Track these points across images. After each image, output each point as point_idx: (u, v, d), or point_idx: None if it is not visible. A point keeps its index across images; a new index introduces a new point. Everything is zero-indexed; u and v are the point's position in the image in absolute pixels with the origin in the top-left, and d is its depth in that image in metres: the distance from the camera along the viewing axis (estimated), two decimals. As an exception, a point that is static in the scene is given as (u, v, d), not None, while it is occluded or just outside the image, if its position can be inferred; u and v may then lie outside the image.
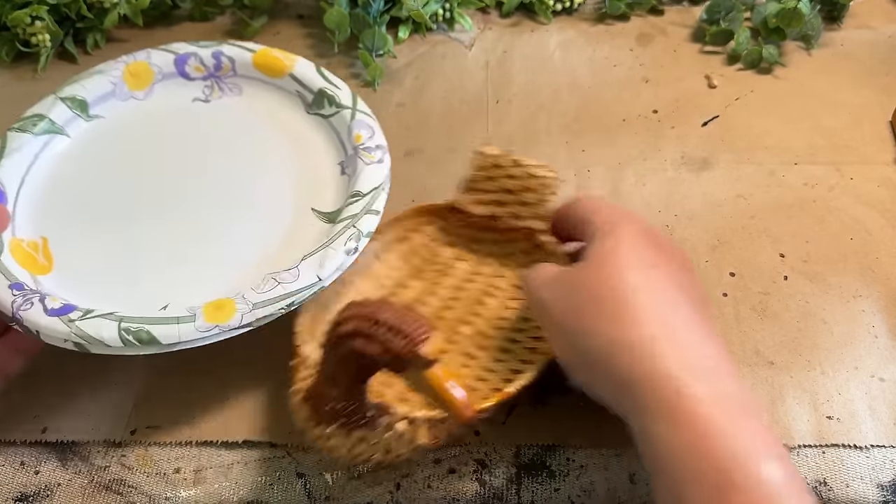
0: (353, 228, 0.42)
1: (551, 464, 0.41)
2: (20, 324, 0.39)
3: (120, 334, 0.38)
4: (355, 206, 0.43)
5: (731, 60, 0.62)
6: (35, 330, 0.39)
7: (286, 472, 0.41)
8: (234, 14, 0.66)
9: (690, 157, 0.55)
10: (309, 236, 0.44)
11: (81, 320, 0.39)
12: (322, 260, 0.41)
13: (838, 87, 0.60)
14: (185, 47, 0.52)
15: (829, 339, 0.45)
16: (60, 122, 0.49)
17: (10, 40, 0.61)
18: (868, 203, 0.52)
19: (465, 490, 0.40)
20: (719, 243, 0.50)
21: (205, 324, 0.39)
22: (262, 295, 0.40)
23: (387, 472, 0.41)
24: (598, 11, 0.66)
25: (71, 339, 0.39)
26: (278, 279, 0.40)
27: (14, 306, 0.39)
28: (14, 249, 0.43)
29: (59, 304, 0.40)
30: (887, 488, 0.40)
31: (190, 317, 0.39)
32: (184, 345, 0.39)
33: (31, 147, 0.48)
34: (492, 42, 0.64)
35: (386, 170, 0.45)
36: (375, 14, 0.62)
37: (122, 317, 0.39)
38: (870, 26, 0.65)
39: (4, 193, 0.45)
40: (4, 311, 0.40)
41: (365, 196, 0.44)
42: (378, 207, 0.43)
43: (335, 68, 0.61)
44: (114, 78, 0.51)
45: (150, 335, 0.38)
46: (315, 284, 0.40)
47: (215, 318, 0.39)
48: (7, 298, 0.40)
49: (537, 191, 0.44)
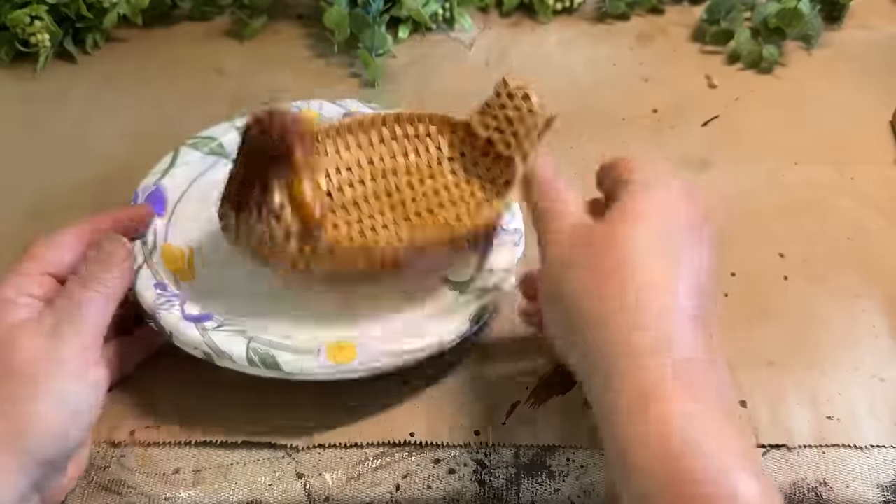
0: (481, 300, 0.44)
1: (551, 464, 0.41)
2: (156, 322, 0.41)
3: (248, 353, 0.40)
4: (486, 281, 0.45)
5: (731, 60, 0.62)
6: (169, 331, 0.41)
7: (286, 472, 0.41)
8: (234, 14, 0.66)
9: (690, 157, 0.55)
10: (438, 302, 0.45)
11: (215, 331, 0.41)
12: (447, 325, 0.42)
13: (838, 87, 0.60)
14: (355, 105, 0.53)
15: (829, 339, 0.45)
16: (229, 149, 0.51)
17: (9, 40, 0.61)
18: (868, 203, 0.52)
19: (464, 490, 0.40)
20: (719, 243, 0.50)
21: (326, 361, 0.40)
22: (383, 346, 0.41)
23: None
24: (599, 11, 0.66)
25: (201, 348, 0.40)
26: (402, 334, 0.42)
27: (156, 304, 0.41)
28: (164, 253, 0.45)
29: (197, 312, 0.42)
30: (887, 488, 0.40)
31: (314, 351, 0.41)
32: (303, 376, 0.40)
33: (199, 165, 0.50)
34: (492, 41, 0.64)
35: (520, 254, 0.47)
36: (375, 13, 0.62)
37: (252, 336, 0.41)
38: (870, 26, 0.65)
39: (165, 200, 0.48)
40: (146, 308, 0.42)
41: (496, 274, 0.45)
42: (508, 288, 0.45)
43: (335, 68, 0.62)
44: None
45: (275, 361, 0.40)
46: (434, 348, 0.42)
47: (337, 357, 0.41)
48: (150, 295, 0.42)
49: (527, 126, 0.45)
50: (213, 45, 0.64)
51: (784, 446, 0.41)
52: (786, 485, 0.40)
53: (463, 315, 0.43)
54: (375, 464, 0.41)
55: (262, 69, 0.62)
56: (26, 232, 0.51)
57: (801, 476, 0.40)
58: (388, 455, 0.41)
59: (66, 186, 0.54)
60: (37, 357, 0.36)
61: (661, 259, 0.34)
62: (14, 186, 0.54)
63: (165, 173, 0.49)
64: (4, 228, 0.51)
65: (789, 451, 0.41)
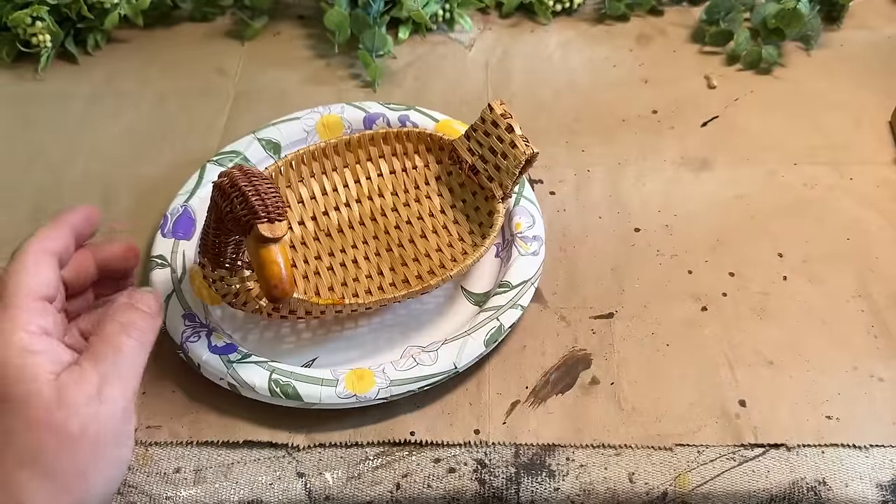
0: (496, 321, 0.44)
1: (551, 463, 0.41)
2: (185, 354, 0.42)
3: (269, 385, 0.41)
4: (503, 297, 0.45)
5: (730, 61, 0.62)
6: (197, 363, 0.42)
7: (286, 471, 0.41)
8: (235, 14, 0.66)
9: (690, 157, 0.55)
10: (455, 315, 0.46)
11: (239, 363, 0.42)
12: (461, 348, 0.43)
13: (838, 88, 0.60)
14: (377, 107, 0.54)
15: (828, 338, 0.45)
16: (254, 161, 0.51)
17: (10, 40, 0.61)
18: (867, 203, 0.52)
19: (464, 489, 0.40)
20: (719, 243, 0.50)
21: (345, 391, 0.41)
22: (400, 373, 0.42)
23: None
24: (598, 12, 0.66)
25: (226, 379, 0.42)
26: (417, 359, 0.42)
27: (183, 336, 0.43)
28: (193, 276, 0.46)
29: (223, 343, 0.43)
30: (886, 488, 0.40)
31: (333, 381, 0.41)
32: (323, 406, 0.41)
33: None
34: (492, 42, 0.64)
35: (539, 262, 0.47)
36: (375, 14, 0.62)
37: (274, 367, 0.42)
38: (869, 27, 0.65)
39: (194, 221, 0.48)
40: (175, 339, 0.43)
41: (514, 288, 0.45)
42: (524, 303, 0.45)
43: (335, 69, 0.62)
44: (307, 126, 0.53)
45: (296, 391, 0.41)
46: (450, 372, 0.42)
47: (355, 387, 0.41)
48: (179, 328, 0.43)
49: (510, 162, 0.46)
50: (213, 45, 0.64)
51: (783, 446, 0.41)
52: (785, 484, 0.40)
53: (478, 338, 0.43)
54: (376, 463, 0.41)
55: (263, 70, 0.62)
56: (27, 232, 0.51)
57: (800, 475, 0.40)
58: (388, 454, 0.41)
59: (66, 186, 0.54)
60: (92, 423, 0.34)
61: None
62: (14, 186, 0.54)
63: (192, 194, 0.49)
64: (5, 228, 0.51)
65: (788, 450, 0.41)
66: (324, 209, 0.49)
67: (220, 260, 0.39)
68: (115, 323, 0.37)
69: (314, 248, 0.48)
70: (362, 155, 0.50)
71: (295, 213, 0.49)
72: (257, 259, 0.35)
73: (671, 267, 0.49)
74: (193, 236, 0.48)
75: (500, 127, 0.46)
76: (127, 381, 0.36)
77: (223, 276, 0.40)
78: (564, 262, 0.49)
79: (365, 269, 0.47)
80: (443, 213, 0.49)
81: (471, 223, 0.48)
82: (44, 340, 0.35)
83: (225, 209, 0.36)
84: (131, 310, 0.38)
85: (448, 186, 0.50)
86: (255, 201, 0.35)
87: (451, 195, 0.50)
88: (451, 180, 0.50)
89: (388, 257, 0.47)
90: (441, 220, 0.49)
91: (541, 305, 0.47)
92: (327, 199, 0.49)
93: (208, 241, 0.39)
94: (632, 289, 0.48)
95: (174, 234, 0.47)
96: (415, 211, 0.49)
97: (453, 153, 0.49)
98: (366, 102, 0.54)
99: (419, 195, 0.50)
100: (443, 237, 0.48)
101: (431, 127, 0.53)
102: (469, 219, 0.49)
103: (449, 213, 0.49)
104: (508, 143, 0.46)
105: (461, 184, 0.50)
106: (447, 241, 0.48)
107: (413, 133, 0.50)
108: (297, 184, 0.49)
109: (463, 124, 0.53)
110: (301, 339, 0.45)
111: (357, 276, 0.46)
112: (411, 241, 0.48)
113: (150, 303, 0.38)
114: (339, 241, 0.48)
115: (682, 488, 0.40)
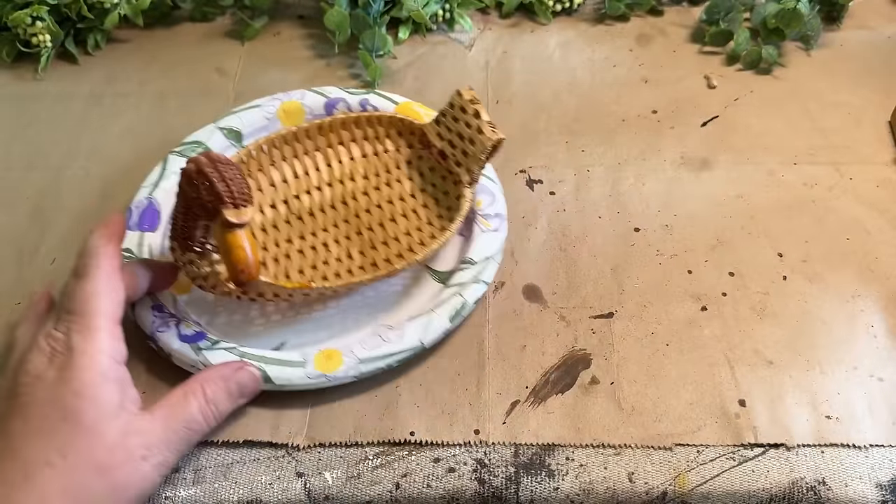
0: (459, 297, 0.44)
1: (550, 463, 0.41)
2: (156, 343, 0.43)
3: None
4: (466, 273, 0.46)
5: (730, 61, 0.62)
6: (168, 352, 0.42)
7: (286, 471, 0.41)
8: (235, 14, 0.66)
9: (690, 157, 0.55)
10: (421, 294, 0.47)
11: (209, 350, 0.42)
12: (427, 324, 0.43)
13: (837, 88, 0.60)
14: (337, 92, 0.54)
15: (828, 338, 0.45)
16: (216, 150, 0.51)
17: (10, 40, 0.61)
18: (867, 203, 0.52)
19: (464, 489, 0.40)
20: (718, 243, 0.50)
21: (314, 371, 0.42)
22: (368, 352, 0.42)
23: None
24: (598, 12, 0.66)
25: (197, 367, 0.42)
26: (384, 337, 0.43)
27: (154, 326, 0.43)
28: None
29: (192, 332, 0.43)
30: (886, 488, 0.40)
31: (301, 363, 0.42)
32: (292, 387, 0.42)
33: None
34: (492, 42, 0.64)
35: (500, 239, 0.47)
36: (375, 14, 0.62)
37: (243, 353, 0.42)
38: (869, 27, 0.65)
39: (159, 213, 0.49)
40: (146, 330, 0.43)
41: (476, 265, 0.46)
42: (487, 278, 0.46)
43: (335, 69, 0.62)
44: (269, 113, 0.54)
45: (266, 375, 0.41)
46: (417, 348, 0.43)
47: (324, 367, 0.42)
48: (148, 318, 0.43)
49: (477, 147, 0.46)
50: (213, 45, 0.64)
51: (783, 445, 0.41)
52: (785, 484, 0.40)
53: (443, 314, 0.44)
54: (375, 462, 0.41)
55: (263, 70, 0.62)
56: (27, 232, 0.51)
57: (799, 475, 0.40)
58: (387, 454, 0.41)
59: (66, 186, 0.54)
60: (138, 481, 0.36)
61: None
62: (14, 186, 0.54)
63: (156, 186, 0.49)
64: (5, 228, 0.51)
65: (788, 450, 0.41)
66: (295, 193, 0.50)
67: (189, 244, 0.40)
68: (200, 393, 0.39)
69: (284, 232, 0.48)
70: (334, 139, 0.51)
71: (266, 196, 0.49)
72: (224, 244, 0.36)
73: (671, 267, 0.49)
74: (159, 228, 0.48)
75: (468, 113, 0.47)
76: (180, 454, 0.37)
77: (193, 260, 0.40)
78: (564, 261, 0.49)
79: (334, 253, 0.48)
80: (412, 197, 0.50)
81: (439, 207, 0.49)
82: (120, 370, 0.37)
83: (192, 195, 0.37)
84: (222, 383, 0.39)
85: (418, 171, 0.51)
86: (220, 188, 0.36)
87: (421, 179, 0.50)
88: (420, 165, 0.51)
89: (358, 240, 0.48)
90: (410, 203, 0.50)
91: (541, 305, 0.47)
92: (298, 182, 0.50)
93: (177, 226, 0.40)
94: (632, 288, 0.48)
95: (140, 226, 0.48)
96: (384, 195, 0.50)
97: (423, 138, 0.50)
98: (325, 87, 0.55)
99: (389, 179, 0.51)
100: (411, 221, 0.49)
101: (392, 109, 0.53)
102: (438, 203, 0.49)
103: (418, 197, 0.50)
104: (476, 129, 0.46)
105: (431, 168, 0.50)
106: (416, 224, 0.49)
107: (384, 117, 0.51)
108: (269, 167, 0.50)
109: (423, 106, 0.53)
110: (270, 322, 0.46)
111: (326, 259, 0.47)
112: (380, 225, 0.49)
113: (245, 384, 0.40)
114: (310, 225, 0.49)
115: (681, 488, 0.40)
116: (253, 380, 0.41)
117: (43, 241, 0.51)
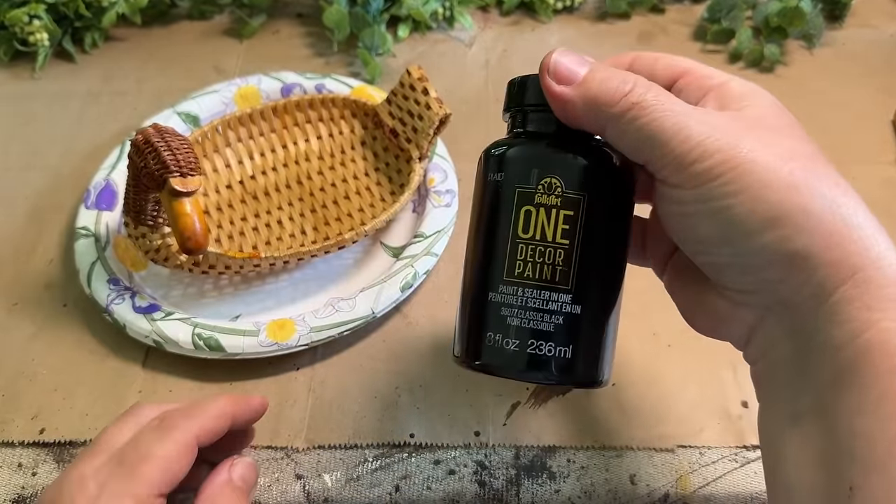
0: (410, 268, 0.45)
1: (552, 465, 0.41)
2: (110, 315, 0.43)
3: (193, 338, 0.42)
4: (417, 246, 0.47)
5: (732, 59, 0.62)
6: (122, 323, 0.43)
7: (285, 473, 0.40)
8: (233, 13, 0.66)
9: (691, 156, 0.55)
10: (374, 267, 0.48)
11: (162, 321, 0.43)
12: (378, 294, 0.44)
13: (840, 87, 0.59)
14: (293, 77, 0.56)
15: (831, 339, 0.45)
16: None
17: (7, 39, 0.61)
18: (870, 202, 0.51)
19: (464, 491, 0.40)
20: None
21: (266, 339, 0.42)
22: (320, 320, 0.43)
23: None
24: (599, 10, 0.66)
25: (151, 336, 0.42)
26: (336, 307, 0.44)
27: (108, 299, 0.44)
28: (116, 245, 0.47)
29: (146, 304, 0.44)
30: (890, 490, 0.40)
31: (254, 332, 0.42)
32: (246, 355, 0.42)
33: None
34: (492, 41, 0.64)
35: (452, 214, 0.48)
36: (375, 13, 0.61)
37: (196, 323, 0.43)
38: (872, 25, 0.65)
39: (116, 193, 0.49)
40: (100, 303, 0.44)
41: (427, 238, 0.47)
42: (437, 251, 0.47)
43: (335, 67, 0.61)
44: (226, 98, 0.55)
45: (219, 343, 0.42)
46: (368, 317, 0.43)
47: (276, 335, 0.42)
48: (104, 292, 0.44)
49: (425, 123, 0.48)
50: (212, 44, 0.64)
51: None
52: (787, 486, 0.40)
53: (393, 283, 0.44)
54: (375, 465, 0.41)
55: (262, 68, 0.61)
56: (27, 232, 0.51)
57: None
58: (387, 456, 0.41)
59: (65, 186, 0.53)
60: None
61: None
62: (13, 186, 0.54)
63: (114, 168, 0.51)
64: (4, 228, 0.51)
65: (791, 452, 0.41)
66: (251, 173, 0.51)
67: (141, 217, 0.41)
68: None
69: (240, 210, 0.50)
70: (289, 120, 0.53)
71: (222, 176, 0.51)
72: (171, 212, 0.37)
73: (673, 267, 0.49)
74: (116, 207, 0.49)
75: (416, 90, 0.48)
76: None
77: (145, 234, 0.41)
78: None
79: (289, 230, 0.49)
80: (366, 175, 0.51)
81: (392, 185, 0.51)
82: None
83: (140, 165, 0.37)
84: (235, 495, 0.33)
85: (372, 150, 0.52)
86: (167, 156, 0.36)
87: (375, 158, 0.52)
88: (374, 144, 0.52)
89: (312, 218, 0.49)
90: (364, 182, 0.51)
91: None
92: (254, 163, 0.52)
93: (129, 200, 0.40)
94: (633, 289, 0.47)
95: (97, 206, 0.49)
96: (339, 174, 0.52)
97: (376, 118, 0.51)
98: (282, 73, 0.56)
99: (344, 159, 0.52)
100: (365, 198, 0.50)
101: (347, 93, 0.54)
102: (391, 180, 0.51)
103: (372, 175, 0.51)
104: (424, 106, 0.48)
105: (385, 148, 0.52)
106: (369, 201, 0.50)
107: (339, 99, 0.52)
108: (225, 148, 0.51)
109: (378, 90, 0.55)
110: (223, 294, 0.47)
111: (281, 235, 0.49)
112: (335, 203, 0.50)
113: (251, 478, 0.35)
114: (265, 204, 0.50)
115: (683, 490, 0.40)
116: (251, 468, 0.35)
117: (40, 241, 0.50)
